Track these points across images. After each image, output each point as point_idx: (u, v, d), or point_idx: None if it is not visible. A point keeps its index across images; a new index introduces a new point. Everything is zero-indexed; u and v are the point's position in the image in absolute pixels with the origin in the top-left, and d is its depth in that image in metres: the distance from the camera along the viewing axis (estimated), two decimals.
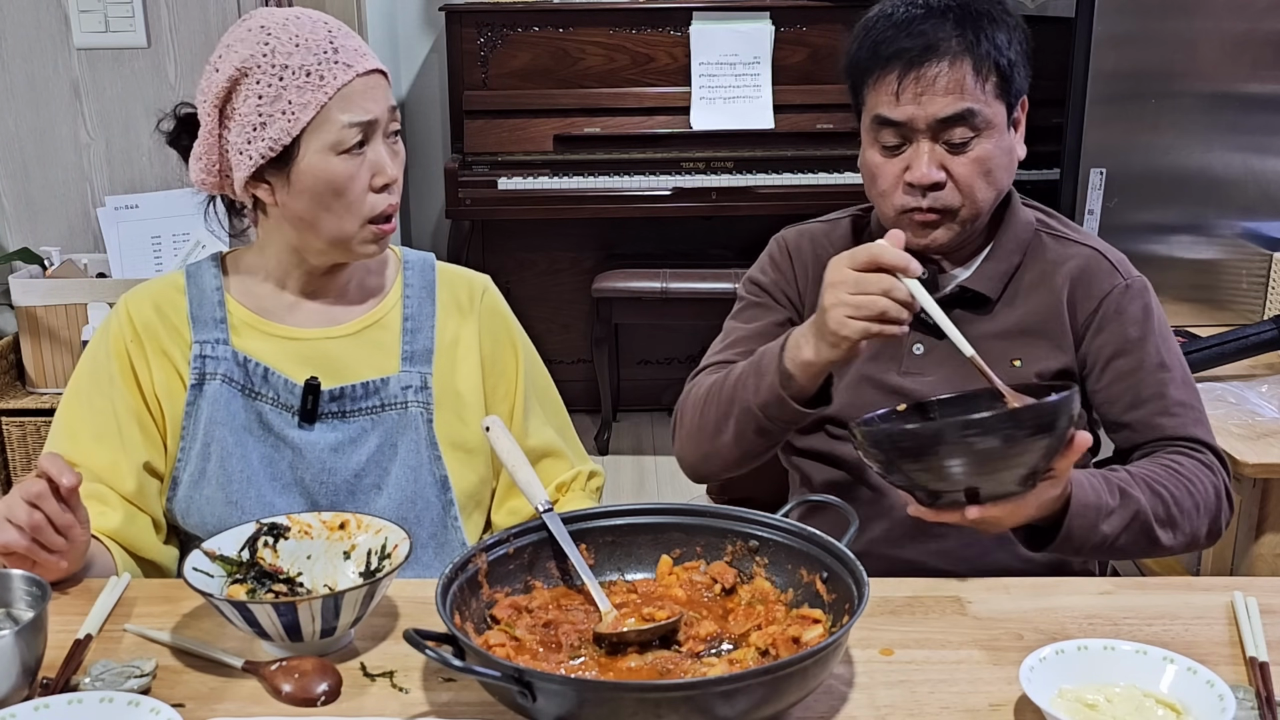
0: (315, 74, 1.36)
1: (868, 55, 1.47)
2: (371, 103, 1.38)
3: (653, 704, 0.95)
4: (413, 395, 1.47)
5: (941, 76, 1.42)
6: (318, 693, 1.10)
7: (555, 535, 1.23)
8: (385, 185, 1.41)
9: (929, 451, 1.19)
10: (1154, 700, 1.05)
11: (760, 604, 1.20)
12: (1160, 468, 1.44)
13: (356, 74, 1.37)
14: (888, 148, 1.47)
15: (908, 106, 1.43)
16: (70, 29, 2.95)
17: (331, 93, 1.36)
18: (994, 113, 1.44)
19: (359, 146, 1.38)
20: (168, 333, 1.46)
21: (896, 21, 1.45)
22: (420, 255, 1.57)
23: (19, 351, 2.93)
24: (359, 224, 1.41)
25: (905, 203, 1.48)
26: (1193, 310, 2.62)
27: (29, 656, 1.07)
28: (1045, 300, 1.53)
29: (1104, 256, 1.55)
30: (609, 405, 4.09)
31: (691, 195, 3.75)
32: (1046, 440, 1.19)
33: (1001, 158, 1.47)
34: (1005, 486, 1.21)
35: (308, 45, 1.36)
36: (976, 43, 1.42)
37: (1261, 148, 2.58)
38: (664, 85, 3.87)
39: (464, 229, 3.89)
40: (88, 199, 3.06)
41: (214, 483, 1.42)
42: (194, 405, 1.44)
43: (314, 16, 1.41)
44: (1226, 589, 1.29)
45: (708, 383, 1.55)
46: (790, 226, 1.69)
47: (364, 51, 1.40)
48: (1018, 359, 1.52)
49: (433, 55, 4.33)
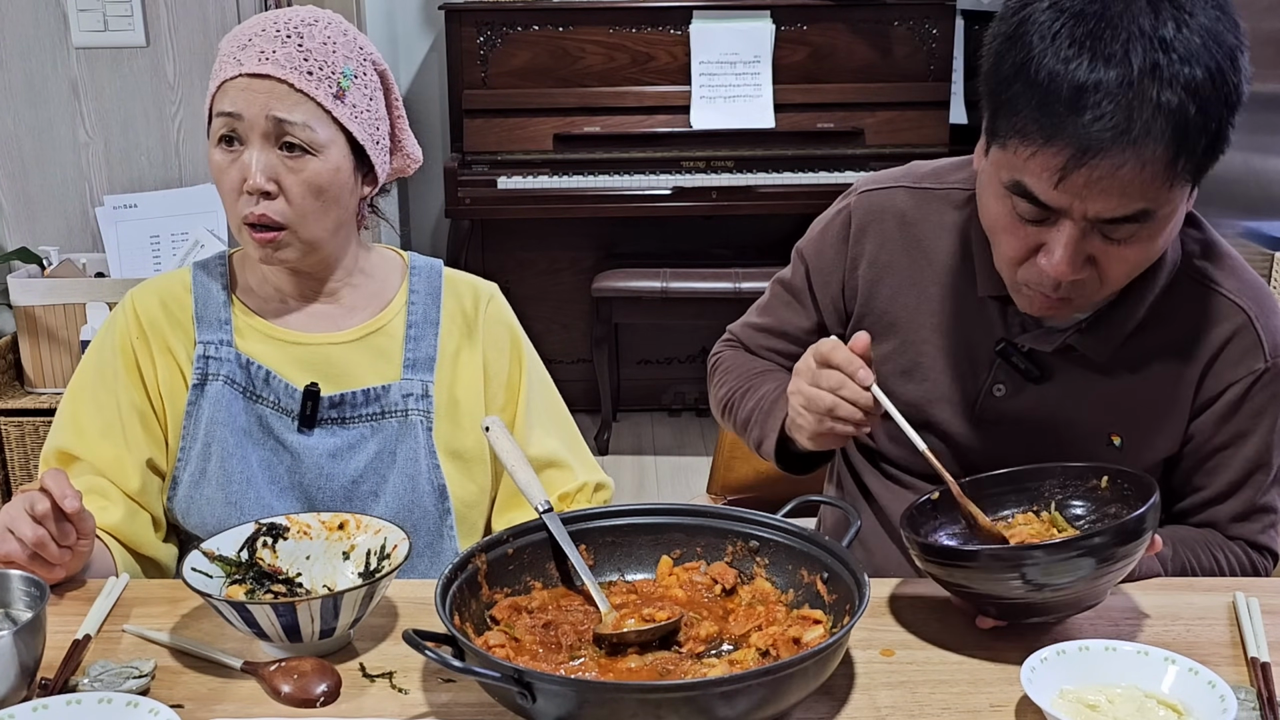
0: (220, 63, 1.39)
1: (1033, 109, 1.09)
2: (242, 100, 1.36)
3: (653, 705, 0.95)
4: (413, 403, 1.47)
5: (1122, 170, 1.07)
6: (317, 693, 1.09)
7: (555, 536, 1.22)
8: (251, 191, 1.37)
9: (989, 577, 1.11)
10: (1155, 701, 1.04)
11: (761, 604, 1.20)
12: (1214, 547, 1.36)
13: (242, 72, 1.36)
14: (1024, 218, 1.16)
15: (1064, 196, 1.11)
16: (69, 28, 2.95)
17: (219, 83, 1.38)
18: (1176, 202, 1.13)
19: (227, 140, 1.38)
20: (173, 330, 1.46)
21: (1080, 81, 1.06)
22: (428, 261, 1.56)
23: (17, 351, 2.93)
24: (237, 220, 1.41)
25: (1029, 279, 1.20)
26: None
27: (27, 657, 1.07)
28: (1172, 374, 1.29)
29: (1253, 326, 1.28)
30: (609, 405, 4.09)
31: (691, 194, 3.75)
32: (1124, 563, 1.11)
33: (1167, 241, 1.19)
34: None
35: (237, 36, 1.40)
36: (1184, 132, 1.06)
37: (1261, 148, 2.58)
38: (664, 84, 3.87)
39: (464, 228, 3.89)
40: (86, 198, 3.06)
41: (214, 483, 1.42)
42: (195, 405, 1.44)
43: (285, 15, 1.40)
44: (1228, 589, 1.29)
45: (726, 388, 1.51)
46: (875, 185, 1.42)
47: (271, 57, 1.36)
48: (1118, 435, 1.32)
49: (432, 54, 4.33)
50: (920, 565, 1.18)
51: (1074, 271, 1.15)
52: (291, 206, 1.38)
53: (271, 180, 1.37)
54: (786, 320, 1.52)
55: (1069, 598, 1.13)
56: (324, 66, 1.38)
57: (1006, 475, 1.28)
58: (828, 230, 1.46)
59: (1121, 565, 1.11)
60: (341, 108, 1.39)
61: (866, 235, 1.41)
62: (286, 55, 1.37)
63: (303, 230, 1.40)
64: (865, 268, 1.41)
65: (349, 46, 1.41)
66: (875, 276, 1.41)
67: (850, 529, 1.22)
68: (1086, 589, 1.12)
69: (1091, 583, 1.11)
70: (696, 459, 3.95)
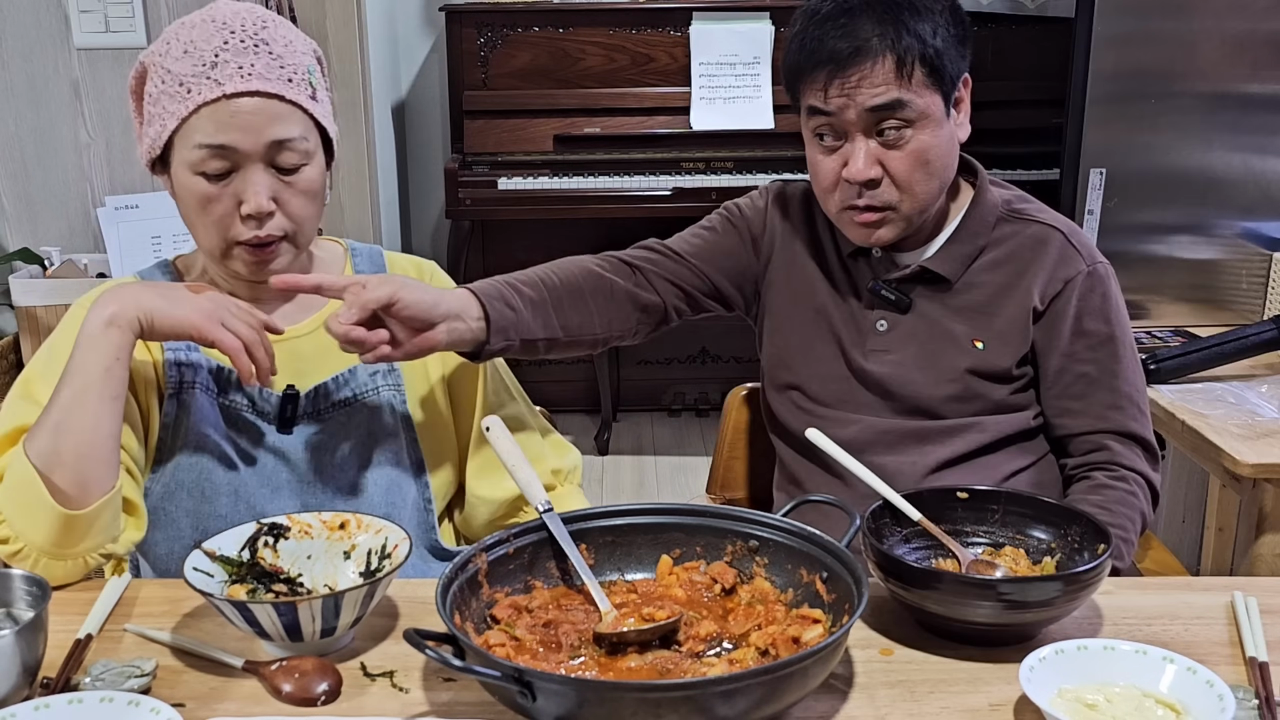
0: (185, 85, 1.32)
1: (797, 57, 1.50)
2: (236, 131, 1.31)
3: (653, 704, 0.95)
4: (381, 379, 1.48)
5: (866, 74, 1.44)
6: (318, 693, 1.10)
7: (555, 535, 1.23)
8: (251, 216, 1.34)
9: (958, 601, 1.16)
10: (1154, 700, 1.05)
11: (760, 604, 1.20)
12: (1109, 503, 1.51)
13: (223, 94, 1.31)
14: (825, 144, 1.51)
15: (837, 99, 1.46)
16: (70, 29, 2.96)
17: (192, 108, 1.31)
18: (927, 103, 1.46)
19: (216, 170, 1.33)
20: None
21: (819, 20, 1.47)
22: (367, 246, 1.58)
23: (19, 351, 2.93)
24: (225, 244, 1.37)
25: (844, 199, 1.51)
26: (1193, 310, 2.61)
27: (29, 656, 1.07)
28: (1008, 282, 1.55)
29: (1069, 241, 1.56)
30: (609, 405, 4.09)
31: (691, 195, 3.75)
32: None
33: (941, 148, 1.49)
34: None
35: (192, 53, 1.32)
36: (898, 38, 1.43)
37: (1261, 148, 2.58)
38: (664, 85, 3.87)
39: (464, 229, 3.89)
40: (88, 199, 3.07)
41: (196, 493, 1.40)
42: (174, 417, 1.40)
43: (230, 20, 1.34)
44: (1226, 589, 1.29)
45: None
46: (781, 187, 1.71)
47: (251, 71, 1.32)
48: (979, 340, 1.55)
49: (433, 55, 4.33)
50: None
51: (869, 167, 1.46)
52: (290, 218, 1.37)
53: (271, 199, 1.35)
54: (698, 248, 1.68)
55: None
56: (297, 69, 1.36)
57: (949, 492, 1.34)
58: (752, 202, 1.71)
59: None
60: (316, 106, 1.38)
61: (783, 217, 1.67)
62: (266, 67, 1.33)
63: (299, 237, 1.40)
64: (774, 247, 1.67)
65: (299, 39, 1.40)
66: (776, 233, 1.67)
67: (850, 528, 1.22)
68: None
69: None
70: (696, 459, 3.95)
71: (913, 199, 1.50)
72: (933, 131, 1.48)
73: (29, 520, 1.26)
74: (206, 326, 1.29)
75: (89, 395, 1.27)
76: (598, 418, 4.12)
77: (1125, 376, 1.56)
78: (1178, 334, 2.46)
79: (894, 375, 1.57)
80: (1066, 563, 1.24)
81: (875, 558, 1.19)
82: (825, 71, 1.46)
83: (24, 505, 1.26)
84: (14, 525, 1.26)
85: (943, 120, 1.49)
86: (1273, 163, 2.60)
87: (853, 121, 1.46)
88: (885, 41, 1.44)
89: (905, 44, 1.44)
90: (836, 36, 1.45)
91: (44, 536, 1.26)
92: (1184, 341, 2.29)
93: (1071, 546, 1.26)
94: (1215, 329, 2.39)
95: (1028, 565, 1.26)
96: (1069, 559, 1.25)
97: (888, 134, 1.46)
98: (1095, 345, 1.55)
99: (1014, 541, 1.29)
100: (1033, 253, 1.56)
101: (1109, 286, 1.57)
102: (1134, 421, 1.56)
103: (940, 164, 1.50)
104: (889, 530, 1.28)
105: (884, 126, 1.46)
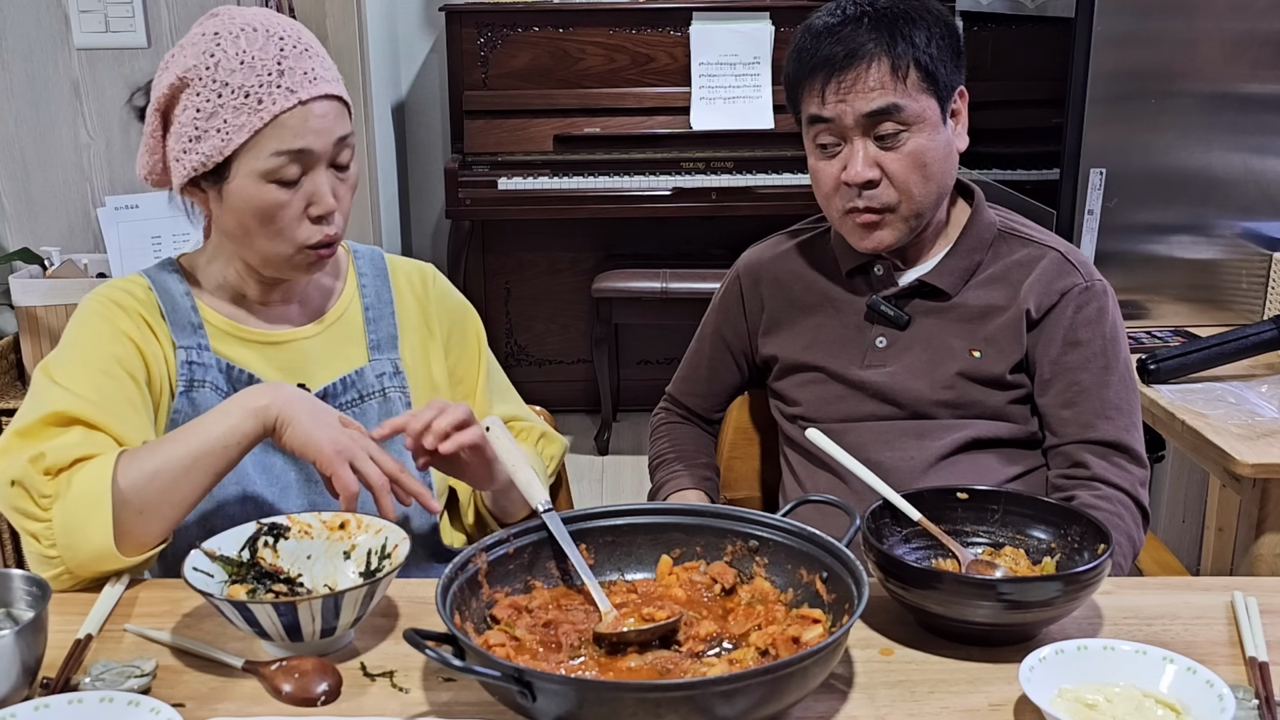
0: (254, 96, 1.30)
1: (795, 67, 1.56)
2: (312, 134, 1.32)
3: (653, 704, 0.95)
4: (388, 381, 1.49)
5: (862, 77, 1.49)
6: (318, 693, 1.10)
7: (555, 535, 1.23)
8: (322, 216, 1.36)
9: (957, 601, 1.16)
10: (1154, 700, 1.05)
11: (760, 604, 1.20)
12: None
13: (299, 101, 1.31)
14: (825, 149, 1.55)
15: (834, 105, 1.51)
16: (70, 29, 2.95)
17: (268, 118, 1.30)
18: (923, 108, 1.50)
19: (292, 177, 1.33)
20: (155, 327, 1.41)
21: (817, 32, 1.53)
22: (368, 248, 1.58)
23: (19, 351, 2.93)
24: (292, 249, 1.37)
25: (844, 203, 1.55)
26: (1193, 310, 2.61)
27: (29, 656, 1.07)
28: (1005, 294, 1.58)
29: (1066, 258, 1.59)
30: (609, 405, 4.09)
31: (691, 195, 3.75)
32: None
33: (937, 152, 1.53)
34: None
35: (253, 64, 1.31)
36: (893, 44, 1.49)
37: (1261, 148, 2.58)
38: (664, 85, 3.88)
39: (464, 229, 3.89)
40: (88, 199, 3.06)
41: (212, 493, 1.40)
42: (185, 415, 1.39)
43: (272, 28, 1.34)
44: (1226, 589, 1.29)
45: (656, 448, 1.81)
46: (748, 253, 1.78)
47: (316, 75, 1.33)
48: (977, 350, 1.58)
49: (433, 55, 4.33)
50: None
51: (867, 169, 1.50)
52: (342, 214, 1.39)
53: (332, 196, 1.37)
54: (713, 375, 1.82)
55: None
56: (335, 68, 1.39)
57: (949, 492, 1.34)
58: (726, 295, 1.81)
59: None
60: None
61: (753, 285, 1.75)
62: (323, 69, 1.36)
63: (344, 231, 1.42)
64: (754, 305, 1.74)
65: (316, 38, 1.41)
66: (766, 301, 1.72)
67: (850, 528, 1.22)
68: None
69: None
70: None
71: (910, 201, 1.53)
72: (929, 135, 1.51)
73: (77, 536, 1.24)
74: (333, 461, 1.26)
75: (198, 461, 1.27)
76: (598, 418, 4.12)
77: (1116, 388, 1.56)
78: (1177, 334, 2.45)
79: (892, 383, 1.60)
80: (1066, 563, 1.24)
81: (875, 558, 1.19)
82: (822, 76, 1.50)
83: (80, 524, 1.24)
84: (59, 538, 1.25)
85: (939, 125, 1.52)
86: (1273, 163, 2.59)
87: (850, 126, 1.51)
88: (880, 46, 1.49)
89: (900, 49, 1.48)
90: (832, 44, 1.50)
91: (82, 559, 1.25)
92: (1184, 341, 2.29)
93: (1071, 547, 1.26)
94: (1215, 329, 2.39)
95: (1027, 565, 1.26)
96: (1069, 559, 1.25)
97: (885, 137, 1.50)
98: (1088, 356, 1.56)
99: (1014, 542, 1.29)
100: (1029, 268, 1.58)
101: (1105, 303, 1.58)
102: (1125, 433, 1.56)
103: (937, 168, 1.53)
104: (889, 530, 1.28)
105: (881, 130, 1.50)
